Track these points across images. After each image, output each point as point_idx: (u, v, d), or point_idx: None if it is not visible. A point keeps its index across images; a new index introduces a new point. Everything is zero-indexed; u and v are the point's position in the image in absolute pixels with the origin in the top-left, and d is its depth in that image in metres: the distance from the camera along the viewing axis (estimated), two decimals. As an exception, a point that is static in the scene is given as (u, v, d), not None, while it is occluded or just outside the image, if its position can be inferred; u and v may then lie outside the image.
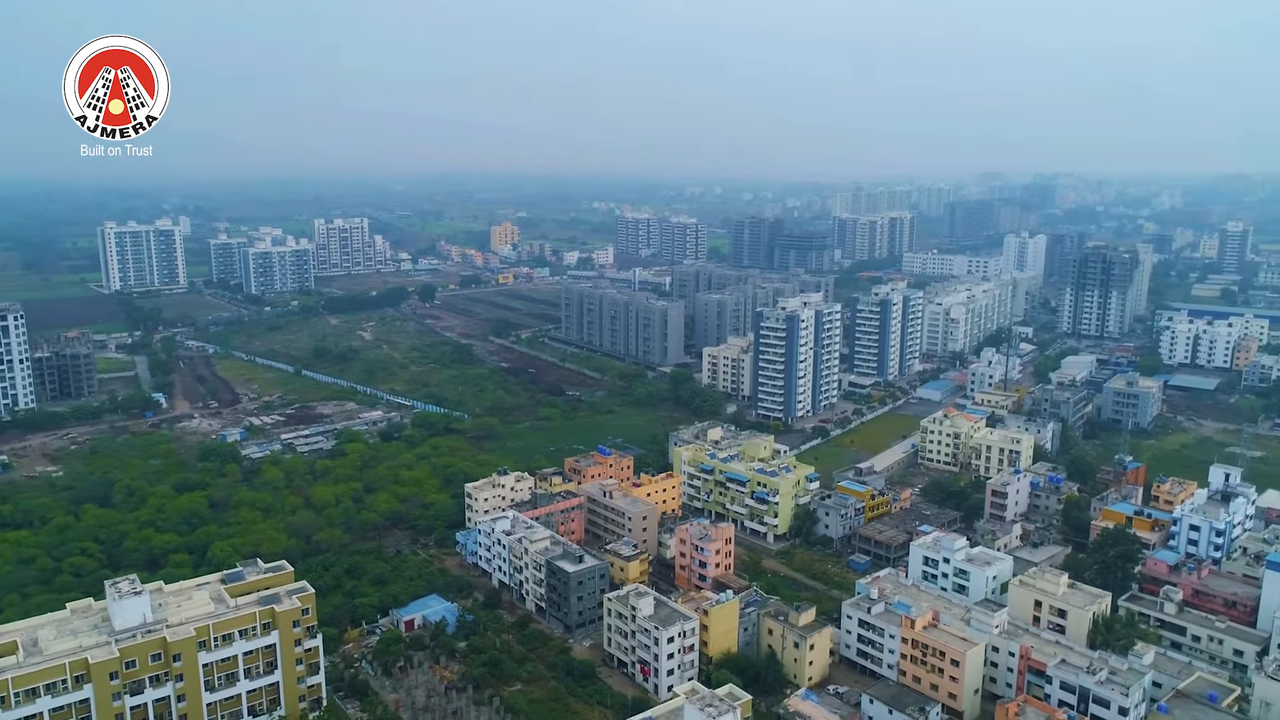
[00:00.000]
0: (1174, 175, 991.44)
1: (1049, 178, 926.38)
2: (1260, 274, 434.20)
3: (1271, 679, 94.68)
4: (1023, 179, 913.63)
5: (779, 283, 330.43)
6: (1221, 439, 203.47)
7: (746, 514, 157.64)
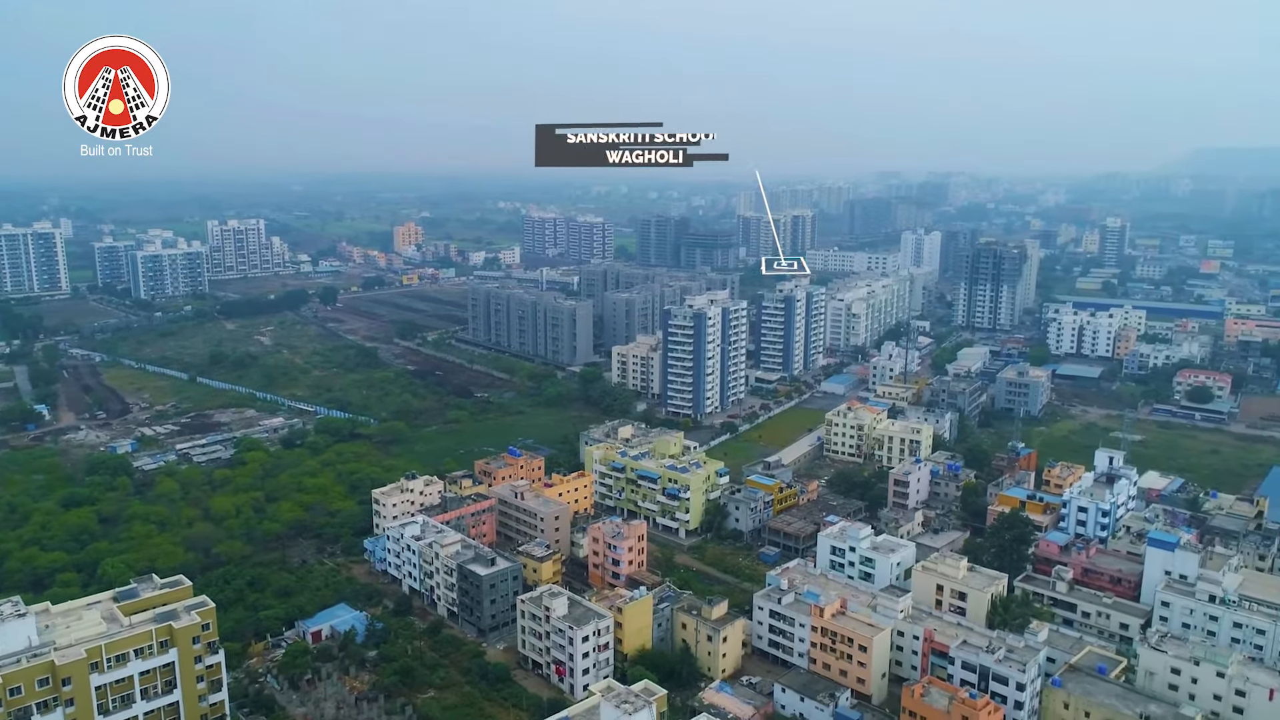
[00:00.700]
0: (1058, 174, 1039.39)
1: (942, 176, 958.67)
2: (1138, 267, 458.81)
3: (1154, 649, 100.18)
4: (918, 178, 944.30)
5: (686, 281, 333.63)
6: (1105, 424, 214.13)
7: (658, 511, 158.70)
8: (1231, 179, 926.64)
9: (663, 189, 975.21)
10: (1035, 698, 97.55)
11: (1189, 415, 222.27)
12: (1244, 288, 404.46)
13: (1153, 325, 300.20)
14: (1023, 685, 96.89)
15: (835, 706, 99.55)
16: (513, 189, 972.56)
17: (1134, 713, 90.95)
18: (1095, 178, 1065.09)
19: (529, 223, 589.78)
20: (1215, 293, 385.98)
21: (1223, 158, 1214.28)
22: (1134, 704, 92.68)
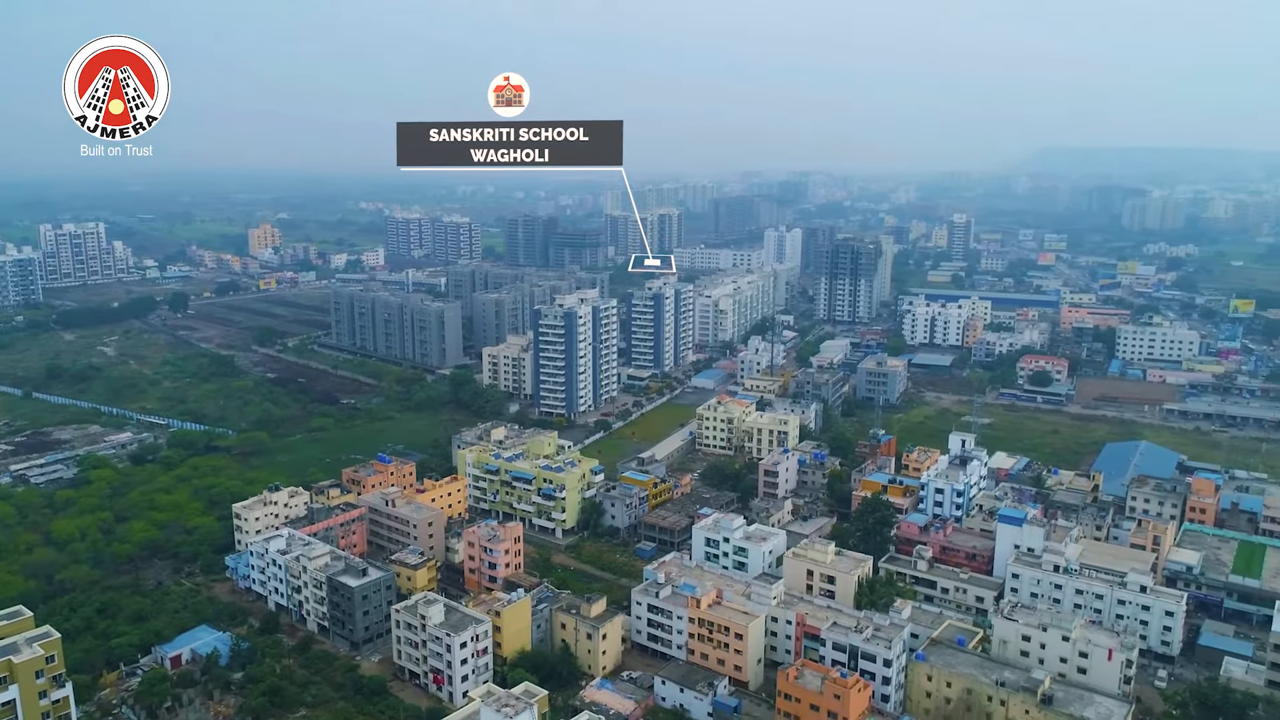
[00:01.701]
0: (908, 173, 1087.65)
1: (801, 175, 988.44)
2: (982, 260, 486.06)
3: (1007, 619, 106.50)
4: (779, 177, 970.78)
5: (556, 280, 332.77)
6: (957, 409, 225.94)
7: (534, 511, 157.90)
8: (1065, 177, 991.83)
9: (529, 188, 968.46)
10: (901, 672, 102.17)
11: (1032, 398, 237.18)
12: (1077, 278, 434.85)
13: (997, 315, 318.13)
14: (889, 661, 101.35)
15: (714, 695, 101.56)
16: (375, 189, 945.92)
17: (990, 680, 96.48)
18: (942, 176, 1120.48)
19: (393, 224, 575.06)
20: (1052, 283, 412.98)
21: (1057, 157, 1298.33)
22: (990, 671, 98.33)
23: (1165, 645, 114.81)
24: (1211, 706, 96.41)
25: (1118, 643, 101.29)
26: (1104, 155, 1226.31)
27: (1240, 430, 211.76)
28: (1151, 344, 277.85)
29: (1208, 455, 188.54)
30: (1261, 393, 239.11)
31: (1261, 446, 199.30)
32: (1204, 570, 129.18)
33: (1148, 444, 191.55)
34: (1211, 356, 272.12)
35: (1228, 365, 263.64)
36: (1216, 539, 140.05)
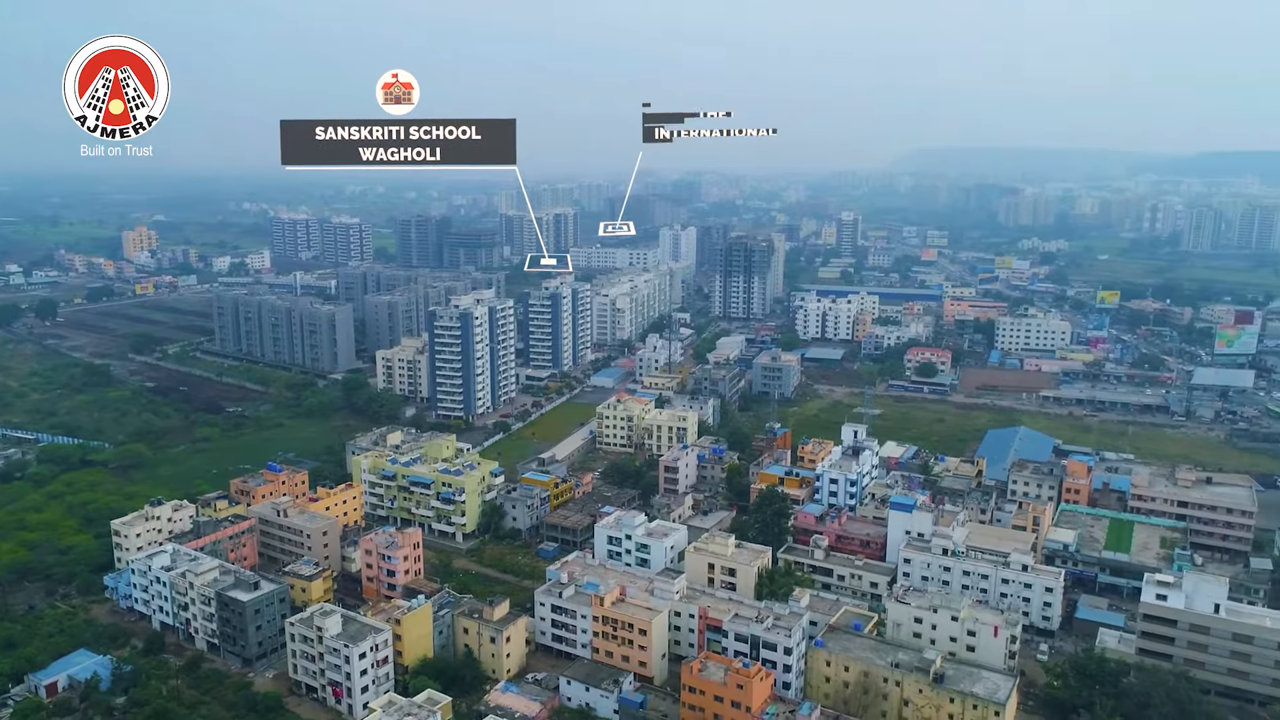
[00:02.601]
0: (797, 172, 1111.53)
1: (694, 175, 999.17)
2: (870, 256, 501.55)
3: (900, 603, 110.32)
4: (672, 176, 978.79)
5: (450, 281, 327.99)
6: (849, 401, 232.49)
7: (433, 516, 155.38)
8: (944, 176, 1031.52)
9: (422, 188, 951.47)
10: (801, 659, 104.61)
11: (918, 389, 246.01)
12: (958, 273, 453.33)
13: (885, 309, 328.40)
14: (790, 650, 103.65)
15: (619, 692, 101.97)
16: (258, 189, 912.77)
17: (885, 662, 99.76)
18: (830, 175, 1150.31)
19: (278, 225, 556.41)
20: (935, 278, 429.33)
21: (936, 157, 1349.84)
22: (885, 654, 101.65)
23: (1046, 620, 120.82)
24: (1089, 676, 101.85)
25: (1002, 620, 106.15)
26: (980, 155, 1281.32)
27: (1109, 414, 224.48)
28: (1028, 334, 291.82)
29: (1080, 439, 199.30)
30: (1127, 378, 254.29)
31: (1128, 429, 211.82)
32: (1079, 548, 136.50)
33: (1026, 430, 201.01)
34: (1082, 345, 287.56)
35: (1096, 353, 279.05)
36: (1090, 518, 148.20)
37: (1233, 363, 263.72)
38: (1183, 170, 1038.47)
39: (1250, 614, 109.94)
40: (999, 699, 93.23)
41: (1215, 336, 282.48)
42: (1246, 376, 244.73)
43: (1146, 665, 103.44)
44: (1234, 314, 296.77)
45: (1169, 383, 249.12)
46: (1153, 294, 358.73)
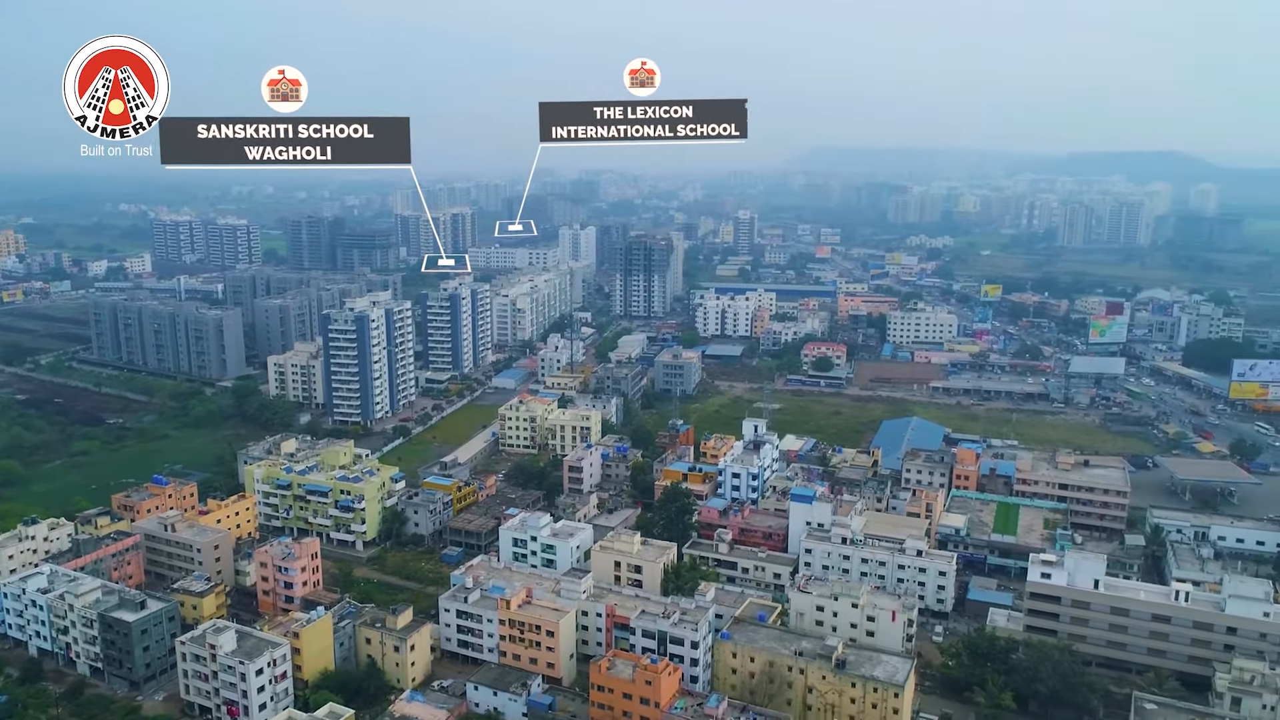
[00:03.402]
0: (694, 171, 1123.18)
1: (593, 174, 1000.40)
2: (766, 254, 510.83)
3: (802, 592, 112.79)
4: (571, 175, 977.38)
5: (345, 283, 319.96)
6: (749, 397, 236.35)
7: (332, 525, 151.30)
8: (835, 175, 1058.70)
9: (312, 188, 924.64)
10: (708, 652, 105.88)
11: (816, 383, 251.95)
12: (851, 269, 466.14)
13: (782, 305, 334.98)
14: (696, 643, 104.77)
15: (528, 695, 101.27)
16: (137, 190, 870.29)
17: (789, 651, 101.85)
18: (726, 174, 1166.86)
19: (159, 227, 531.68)
20: (829, 274, 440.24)
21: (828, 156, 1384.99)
22: (789, 643, 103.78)
23: (940, 603, 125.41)
24: (981, 654, 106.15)
25: (900, 605, 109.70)
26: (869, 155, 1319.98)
27: (994, 403, 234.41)
28: (917, 328, 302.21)
29: (969, 427, 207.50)
30: (1010, 368, 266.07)
31: (1012, 417, 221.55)
32: (969, 532, 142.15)
33: (918, 420, 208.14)
34: (968, 337, 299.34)
35: (982, 345, 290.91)
36: (979, 502, 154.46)
37: (1105, 351, 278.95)
38: (1056, 169, 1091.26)
39: (1126, 588, 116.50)
40: (898, 681, 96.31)
41: (1089, 327, 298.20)
42: (1118, 364, 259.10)
43: (1033, 641, 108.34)
44: (1105, 305, 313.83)
45: (1048, 371, 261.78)
46: (1032, 287, 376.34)
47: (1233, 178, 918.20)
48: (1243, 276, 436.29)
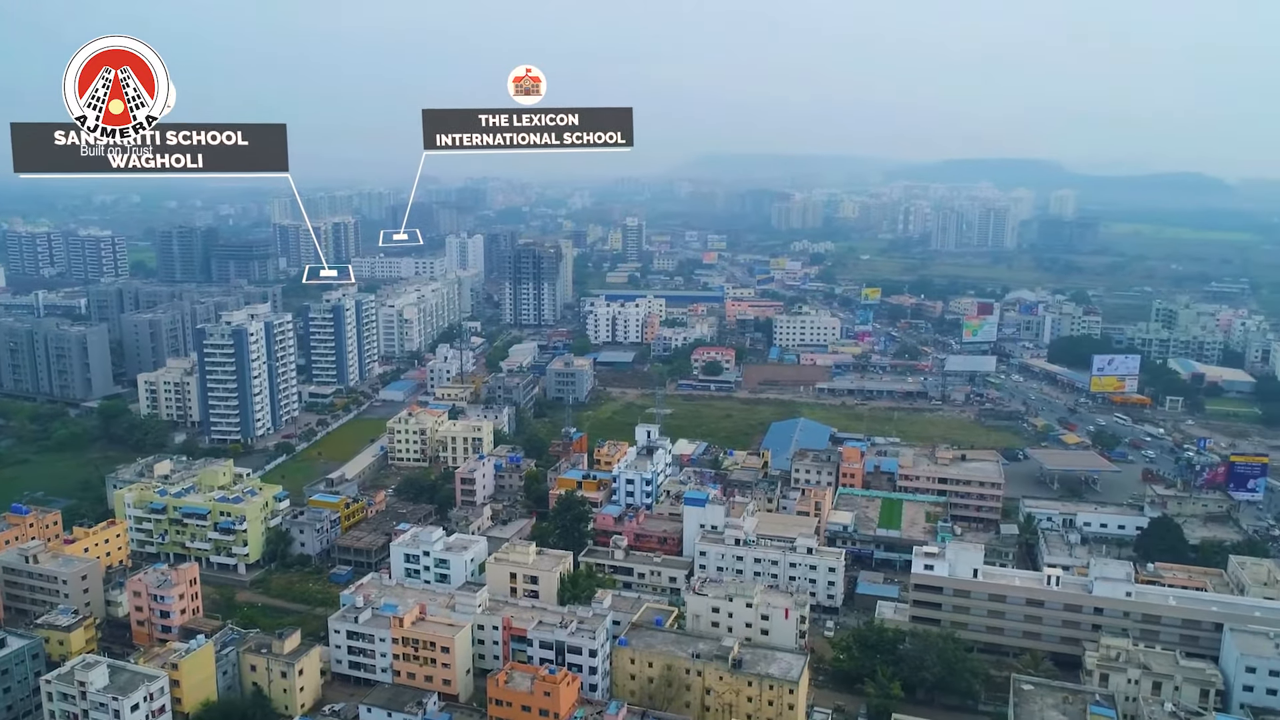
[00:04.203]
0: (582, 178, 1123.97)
1: (479, 181, 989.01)
2: (655, 260, 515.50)
3: (698, 595, 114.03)
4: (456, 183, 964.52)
5: (221, 296, 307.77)
6: (641, 402, 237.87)
7: (211, 549, 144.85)
8: (720, 182, 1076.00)
9: (183, 196, 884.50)
10: (606, 660, 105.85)
11: (706, 387, 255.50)
12: (737, 274, 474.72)
13: (671, 311, 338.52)
14: (594, 651, 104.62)
15: (424, 713, 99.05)
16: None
17: (687, 653, 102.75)
18: (614, 181, 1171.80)
19: (13, 239, 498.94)
20: (716, 280, 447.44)
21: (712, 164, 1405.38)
22: (686, 646, 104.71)
23: (831, 598, 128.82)
24: (870, 646, 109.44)
25: (792, 602, 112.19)
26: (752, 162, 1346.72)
27: (877, 402, 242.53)
28: (802, 331, 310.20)
29: (853, 426, 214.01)
30: (890, 368, 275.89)
31: (894, 415, 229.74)
32: (857, 528, 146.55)
33: (805, 420, 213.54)
34: (851, 339, 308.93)
35: (863, 346, 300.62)
36: (865, 499, 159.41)
37: (977, 350, 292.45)
38: (930, 176, 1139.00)
39: (1002, 575, 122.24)
40: (792, 677, 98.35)
41: (962, 327, 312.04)
42: (989, 362, 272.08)
43: (919, 631, 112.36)
44: (977, 306, 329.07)
45: (926, 370, 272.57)
46: (909, 290, 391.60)
47: (1088, 184, 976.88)
48: (1099, 276, 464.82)
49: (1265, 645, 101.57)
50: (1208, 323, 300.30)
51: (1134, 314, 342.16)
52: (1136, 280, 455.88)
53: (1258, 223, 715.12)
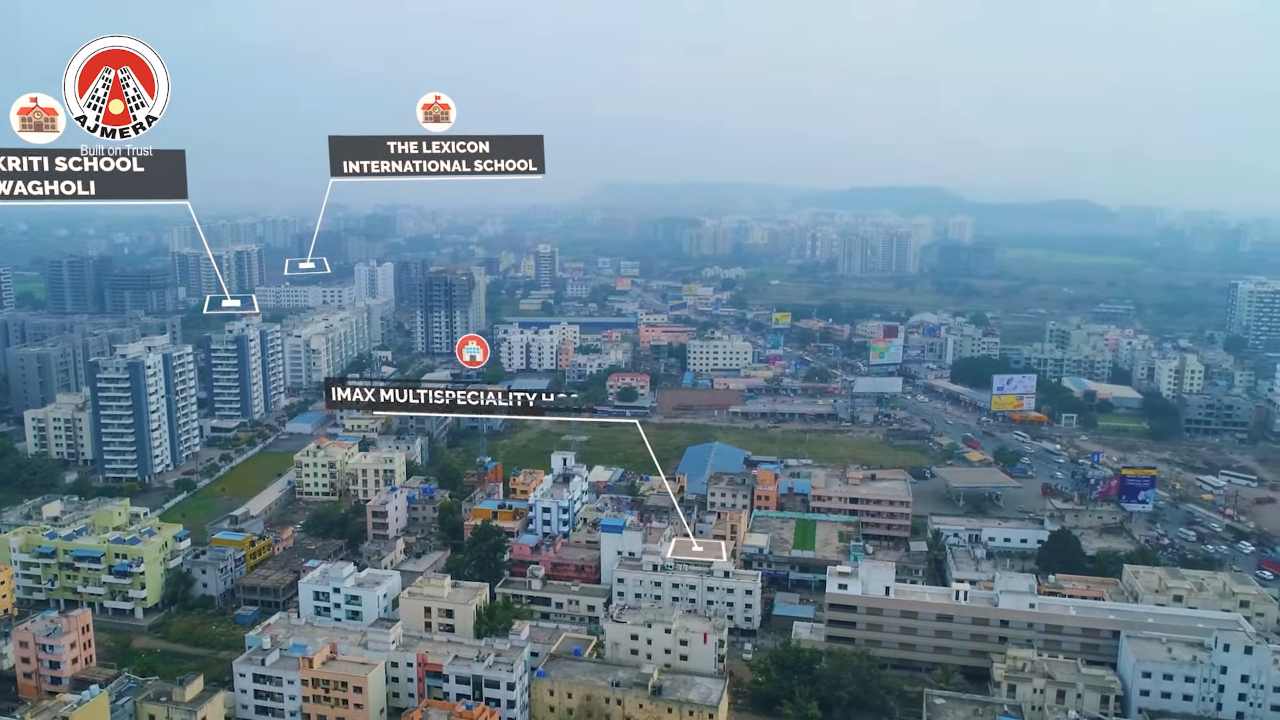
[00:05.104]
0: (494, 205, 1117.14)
1: (389, 209, 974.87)
2: (568, 287, 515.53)
3: (616, 622, 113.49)
4: (365, 210, 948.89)
5: (116, 328, 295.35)
6: (557, 430, 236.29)
7: (106, 593, 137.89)
8: (632, 209, 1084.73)
9: (74, 225, 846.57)
10: (525, 692, 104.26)
11: (621, 413, 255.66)
12: (651, 300, 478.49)
13: (586, 338, 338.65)
14: (513, 684, 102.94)
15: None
16: None
17: (606, 682, 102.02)
18: (525, 208, 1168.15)
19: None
20: (630, 306, 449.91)
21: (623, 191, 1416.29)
22: (606, 674, 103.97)
23: (748, 620, 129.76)
24: (787, 667, 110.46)
25: (710, 626, 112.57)
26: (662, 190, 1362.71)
27: (789, 424, 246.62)
28: (715, 356, 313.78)
29: (767, 449, 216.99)
30: (802, 391, 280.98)
31: (806, 437, 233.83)
32: (772, 549, 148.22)
33: (720, 444, 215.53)
34: (762, 363, 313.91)
35: (775, 370, 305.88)
36: (779, 520, 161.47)
37: (884, 371, 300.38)
38: (836, 203, 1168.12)
39: (913, 592, 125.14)
40: (712, 702, 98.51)
41: (869, 349, 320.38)
42: (895, 383, 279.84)
43: (834, 650, 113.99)
44: (883, 329, 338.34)
45: (835, 392, 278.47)
46: (817, 314, 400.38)
47: (984, 211, 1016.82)
48: (996, 299, 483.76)
49: (1159, 650, 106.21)
50: (1097, 342, 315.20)
51: (1030, 335, 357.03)
52: (1031, 303, 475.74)
53: (1139, 247, 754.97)
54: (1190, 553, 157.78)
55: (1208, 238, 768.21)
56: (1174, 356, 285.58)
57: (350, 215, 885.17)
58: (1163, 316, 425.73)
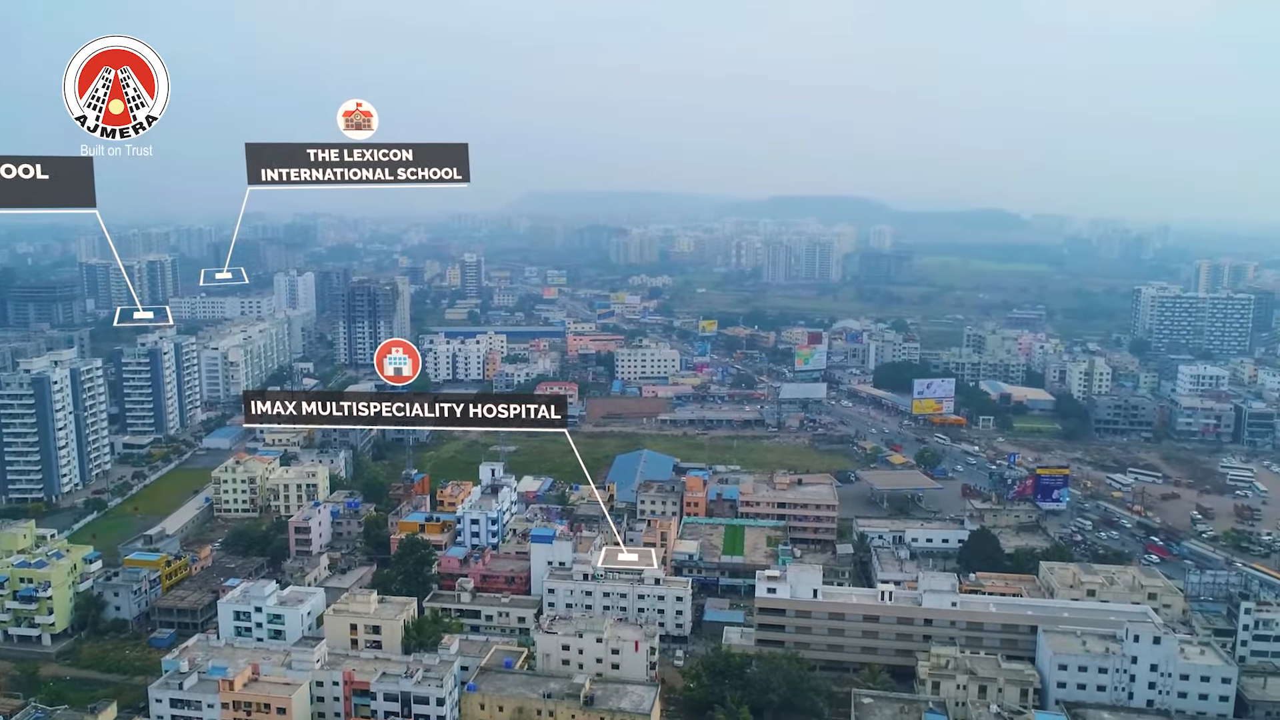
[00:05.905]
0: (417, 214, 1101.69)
1: (309, 217, 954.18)
2: (495, 296, 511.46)
3: (547, 633, 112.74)
4: (284, 219, 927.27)
5: (19, 342, 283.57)
6: (485, 440, 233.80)
7: (10, 619, 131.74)
8: (557, 218, 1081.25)
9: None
10: (455, 707, 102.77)
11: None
12: (578, 309, 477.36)
13: (513, 347, 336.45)
14: (442, 700, 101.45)
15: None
16: None
17: (538, 694, 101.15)
18: (450, 217, 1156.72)
19: None
20: (557, 315, 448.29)
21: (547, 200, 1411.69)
22: (537, 686, 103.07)
23: (679, 627, 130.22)
24: (719, 672, 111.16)
25: (642, 634, 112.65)
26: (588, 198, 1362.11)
27: (717, 431, 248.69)
28: (643, 364, 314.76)
29: (695, 455, 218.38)
30: (729, 398, 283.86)
31: (734, 443, 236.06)
32: (702, 556, 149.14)
33: (649, 452, 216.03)
34: (690, 371, 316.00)
35: (702, 377, 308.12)
36: (709, 527, 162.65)
37: (809, 377, 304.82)
38: (759, 212, 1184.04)
39: (840, 594, 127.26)
40: (644, 710, 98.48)
41: (794, 356, 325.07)
42: (820, 389, 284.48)
43: (764, 654, 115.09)
44: (807, 336, 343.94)
45: (762, 399, 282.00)
46: (743, 321, 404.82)
47: (903, 219, 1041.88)
48: (916, 306, 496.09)
49: (1074, 644, 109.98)
50: (1011, 347, 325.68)
51: (948, 340, 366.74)
52: (948, 309, 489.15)
53: (1049, 254, 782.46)
54: (1102, 548, 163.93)
55: (1113, 245, 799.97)
56: (1083, 360, 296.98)
57: (269, 224, 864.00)
58: (1072, 321, 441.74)
